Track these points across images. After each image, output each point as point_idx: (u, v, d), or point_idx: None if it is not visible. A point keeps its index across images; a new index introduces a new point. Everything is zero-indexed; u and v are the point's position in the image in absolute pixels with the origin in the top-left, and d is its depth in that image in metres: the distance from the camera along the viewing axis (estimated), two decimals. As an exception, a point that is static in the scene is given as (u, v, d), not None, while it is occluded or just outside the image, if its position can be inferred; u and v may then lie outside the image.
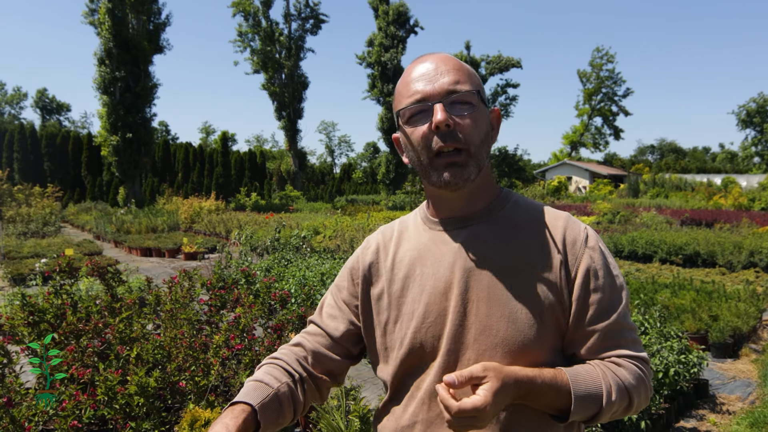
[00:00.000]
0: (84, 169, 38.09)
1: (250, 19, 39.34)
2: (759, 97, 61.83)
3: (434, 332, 1.12)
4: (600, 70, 61.00)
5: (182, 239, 15.09)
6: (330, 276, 7.09)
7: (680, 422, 4.24)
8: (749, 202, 31.18)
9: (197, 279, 4.83)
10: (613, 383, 1.05)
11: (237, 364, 4.09)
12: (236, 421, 1.01)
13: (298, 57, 40.58)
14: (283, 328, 4.37)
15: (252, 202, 29.24)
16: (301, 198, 36.01)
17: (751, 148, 63.97)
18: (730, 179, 43.50)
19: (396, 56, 41.97)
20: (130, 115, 28.03)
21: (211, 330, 4.45)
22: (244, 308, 4.37)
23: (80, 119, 77.91)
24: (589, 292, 1.09)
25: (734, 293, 6.99)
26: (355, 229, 14.08)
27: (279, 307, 4.71)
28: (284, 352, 1.24)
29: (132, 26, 28.11)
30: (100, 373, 3.46)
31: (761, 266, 10.84)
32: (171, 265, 12.78)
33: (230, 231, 17.57)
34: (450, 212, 1.19)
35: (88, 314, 4.21)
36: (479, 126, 1.10)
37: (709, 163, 71.19)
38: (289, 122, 40.94)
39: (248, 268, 5.31)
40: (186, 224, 20.54)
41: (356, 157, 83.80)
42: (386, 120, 43.41)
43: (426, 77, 1.11)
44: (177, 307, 4.03)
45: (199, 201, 23.28)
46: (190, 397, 3.70)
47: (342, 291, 1.30)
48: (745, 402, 4.62)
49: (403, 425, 1.16)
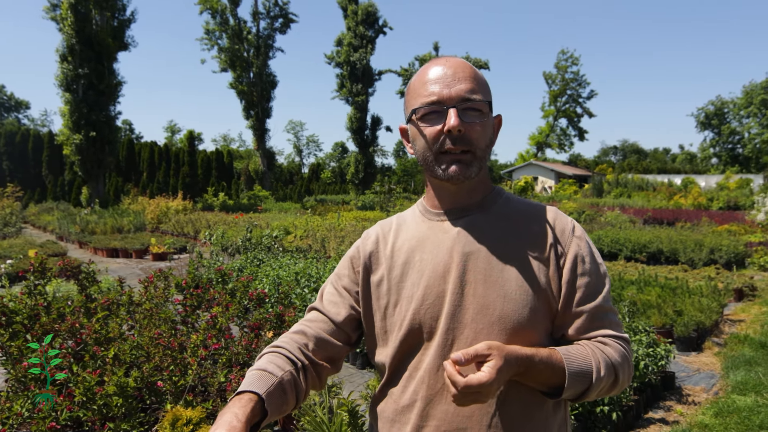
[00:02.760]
0: (45, 169, 37.08)
1: (218, 17, 38.82)
2: (717, 100, 63.80)
3: (433, 313, 1.18)
4: (565, 72, 62.10)
5: (150, 240, 14.84)
6: (304, 275, 7.09)
7: (649, 413, 4.39)
8: (708, 202, 32.18)
9: (172, 279, 4.79)
10: (601, 361, 1.13)
11: (213, 364, 4.08)
12: (245, 410, 1.03)
13: (266, 56, 40.22)
14: (260, 327, 4.37)
15: (220, 202, 28.88)
16: (269, 198, 35.71)
17: (710, 150, 65.90)
18: (690, 179, 44.76)
19: (365, 56, 42.00)
20: (94, 113, 27.35)
21: (187, 330, 4.42)
22: (221, 308, 4.36)
23: (40, 117, 75.83)
24: (577, 276, 1.18)
25: (697, 289, 7.24)
26: (326, 228, 14.06)
27: (256, 306, 4.70)
28: (285, 341, 1.27)
29: (96, 22, 27.42)
30: (75, 374, 3.42)
31: (721, 263, 11.23)
32: (139, 266, 12.56)
33: (199, 231, 17.35)
34: (449, 204, 1.27)
35: (60, 315, 4.14)
36: (486, 133, 1.20)
37: (670, 164, 73.03)
38: (258, 121, 40.57)
39: (224, 268, 5.28)
40: (153, 224, 20.19)
41: (325, 157, 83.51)
42: (355, 120, 43.37)
43: (444, 81, 1.17)
44: (154, 307, 3.99)
45: (166, 201, 22.90)
46: (167, 397, 3.67)
47: (342, 278, 1.35)
48: (709, 393, 4.80)
49: (403, 405, 1.21)
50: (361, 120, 43.57)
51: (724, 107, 63.32)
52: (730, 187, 39.86)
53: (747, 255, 11.81)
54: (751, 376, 5.01)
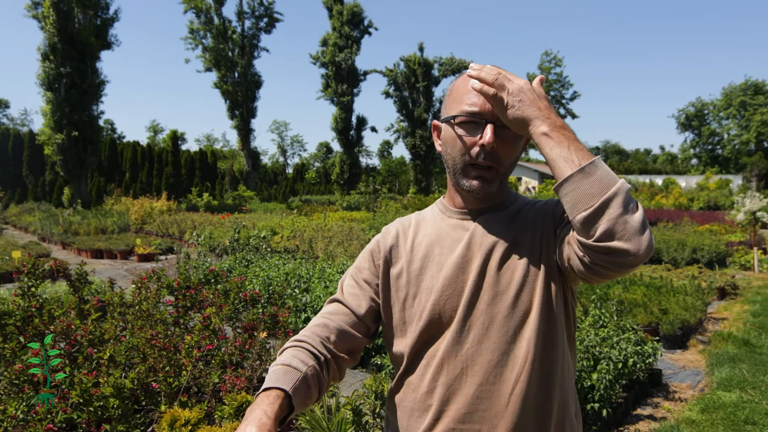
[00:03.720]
0: (25, 169, 36.59)
1: (202, 16, 38.57)
2: (697, 102, 64.72)
3: (452, 303, 1.24)
4: (548, 74, 62.58)
5: (135, 240, 14.73)
6: (294, 275, 7.09)
7: (637, 410, 4.47)
8: (688, 202, 32.68)
9: (164, 280, 4.78)
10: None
11: (206, 365, 4.09)
12: (273, 407, 1.06)
13: (251, 55, 40.06)
14: (254, 328, 4.38)
15: (204, 203, 28.72)
16: (254, 198, 35.57)
17: (690, 151, 66.84)
18: (671, 180, 45.35)
19: (350, 56, 41.97)
20: (76, 112, 27.05)
21: (180, 331, 4.42)
22: (215, 308, 4.36)
23: (20, 116, 74.52)
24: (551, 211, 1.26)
25: (681, 288, 7.37)
26: (312, 229, 14.06)
27: (246, 307, 4.71)
28: (307, 334, 1.29)
29: (78, 21, 27.12)
30: (70, 376, 3.41)
31: (703, 262, 11.43)
32: (124, 267, 12.46)
33: (184, 232, 17.24)
34: (469, 204, 1.33)
35: (52, 316, 4.11)
36: (515, 153, 1.26)
37: (651, 165, 73.88)
38: (242, 121, 40.38)
39: (216, 269, 5.28)
40: (137, 225, 20.03)
41: (309, 157, 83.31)
42: (340, 120, 43.31)
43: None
44: (148, 308, 3.99)
45: (150, 201, 22.72)
46: (162, 398, 3.68)
47: (362, 271, 1.39)
48: (695, 390, 4.90)
49: (423, 392, 1.25)
50: (347, 120, 43.53)
51: (704, 109, 64.26)
52: (710, 187, 40.47)
53: (728, 254, 12.03)
54: (735, 373, 5.13)
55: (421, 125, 45.81)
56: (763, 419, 4.13)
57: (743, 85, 60.49)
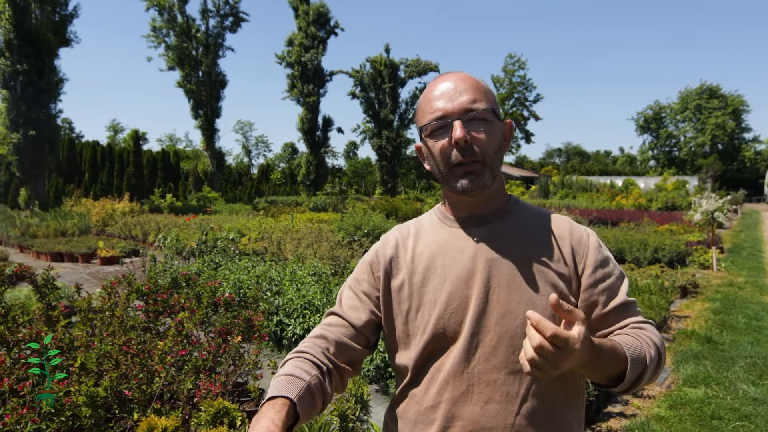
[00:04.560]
0: (-22, 169, 35.23)
1: (165, 14, 37.89)
2: (655, 105, 66.62)
3: (456, 318, 1.22)
4: (512, 76, 63.45)
5: (97, 243, 14.36)
6: (265, 278, 7.02)
7: (608, 408, 4.57)
8: (648, 203, 33.57)
9: (134, 284, 4.68)
10: (650, 343, 1.17)
11: (178, 371, 4.01)
12: (280, 415, 1.05)
13: (216, 54, 39.53)
14: (229, 332, 4.32)
15: (168, 204, 28.19)
16: (219, 199, 35.10)
17: (648, 152, 68.72)
18: (630, 181, 46.52)
19: (316, 56, 41.81)
20: (33, 111, 26.23)
21: (152, 336, 4.33)
22: (188, 313, 4.28)
23: (-29, 114, 71.87)
24: (598, 280, 1.23)
25: (646, 287, 7.56)
26: (280, 230, 13.93)
27: (215, 311, 4.64)
28: (308, 345, 1.28)
29: (36, 17, 26.31)
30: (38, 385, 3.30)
31: (664, 262, 11.75)
32: (86, 271, 12.13)
33: (148, 234, 16.88)
34: (468, 212, 1.30)
35: (16, 323, 3.98)
36: (493, 139, 1.22)
37: (611, 166, 75.65)
38: (207, 121, 39.81)
39: (188, 272, 5.19)
40: (98, 227, 19.51)
41: (274, 157, 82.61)
42: (306, 121, 43.09)
43: (446, 96, 1.22)
44: (122, 314, 3.90)
45: (111, 203, 22.17)
46: (134, 406, 3.60)
47: (362, 283, 1.36)
48: (662, 387, 5.03)
49: (427, 406, 1.24)
50: (313, 121, 43.35)
51: (661, 112, 66.16)
52: (667, 188, 41.67)
53: (688, 254, 12.40)
54: (700, 370, 5.29)
55: (387, 126, 45.92)
56: (729, 414, 4.27)
57: (699, 89, 62.50)
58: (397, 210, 24.24)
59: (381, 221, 16.56)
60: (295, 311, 5.91)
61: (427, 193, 40.26)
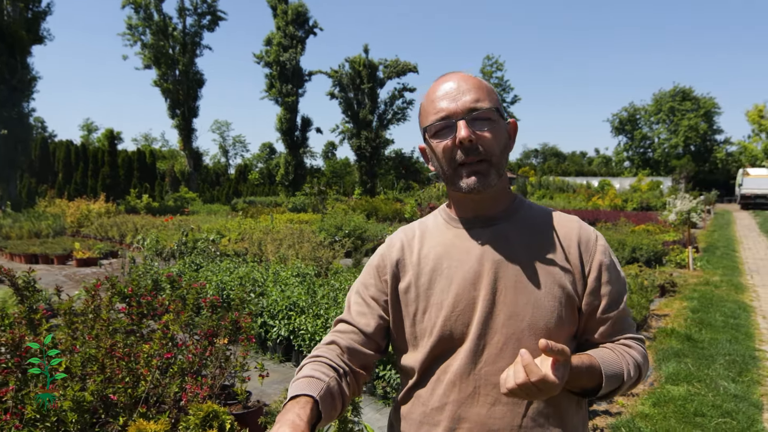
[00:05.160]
0: (-53, 169, 34.33)
1: (141, 12, 37.40)
2: (630, 107, 67.63)
3: (464, 320, 1.22)
4: (490, 78, 63.86)
5: (73, 244, 14.09)
6: (248, 279, 6.97)
7: (593, 406, 4.62)
8: (623, 203, 34.10)
9: (117, 286, 4.60)
10: (630, 363, 1.22)
11: (162, 374, 3.96)
12: (305, 411, 1.05)
13: (193, 53, 39.13)
14: (215, 335, 4.27)
15: (144, 204, 27.78)
16: (197, 200, 34.69)
17: (623, 153, 69.76)
18: (606, 182, 47.20)
19: (295, 56, 41.64)
20: (5, 109, 25.65)
21: (136, 339, 4.26)
22: (173, 315, 4.22)
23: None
24: (602, 285, 1.25)
25: (626, 286, 7.65)
26: (260, 231, 13.82)
27: (209, 312, 4.59)
28: (323, 350, 1.28)
29: (8, 13, 25.74)
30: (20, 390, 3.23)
31: (642, 261, 11.92)
32: (62, 273, 11.91)
33: (125, 235, 16.63)
34: (474, 213, 1.30)
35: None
36: (498, 138, 1.22)
37: (587, 167, 76.62)
38: (184, 121, 39.38)
39: (172, 274, 5.12)
40: (73, 228, 19.15)
41: (252, 157, 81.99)
42: (285, 121, 42.88)
43: (449, 96, 1.21)
44: (108, 317, 3.83)
45: (87, 203, 21.79)
46: (120, 410, 3.54)
47: (369, 288, 1.36)
48: (645, 384, 5.11)
49: (433, 407, 1.24)
50: (291, 121, 43.16)
51: (636, 113, 67.19)
52: (642, 189, 42.34)
53: (665, 253, 12.61)
54: (682, 367, 5.38)
55: (366, 127, 45.90)
56: (711, 411, 4.35)
57: (672, 91, 63.65)
58: (377, 210, 24.26)
59: (362, 222, 16.55)
60: (279, 312, 5.87)
61: (406, 194, 40.31)
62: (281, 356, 5.84)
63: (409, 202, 28.67)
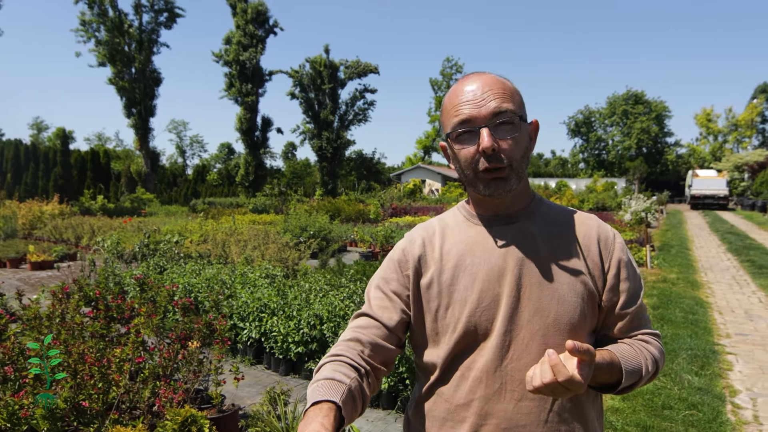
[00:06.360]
0: None
1: (96, 8, 36.32)
2: (585, 110, 69.22)
3: (488, 315, 1.23)
4: (450, 79, 64.46)
5: (27, 247, 13.58)
6: (216, 281, 6.85)
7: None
8: (580, 203, 34.87)
9: (85, 289, 4.46)
10: (648, 358, 1.25)
11: (131, 378, 3.86)
12: (329, 419, 1.03)
13: (150, 51, 38.23)
14: (188, 338, 4.17)
15: (99, 206, 27.03)
16: (154, 201, 33.94)
17: (579, 155, 71.37)
18: (563, 183, 48.18)
19: (255, 56, 41.16)
20: (-50, 107, 24.54)
21: (106, 344, 4.13)
22: (144, 319, 4.12)
23: None
24: (621, 281, 1.28)
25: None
26: (223, 233, 13.60)
27: (180, 315, 4.49)
28: (343, 348, 1.26)
29: (-47, 6, 24.67)
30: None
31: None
32: (17, 276, 11.46)
33: (81, 237, 16.14)
34: (494, 211, 1.31)
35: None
36: (520, 144, 1.23)
37: (544, 168, 78.01)
38: (140, 120, 38.45)
39: (142, 276, 4.98)
40: (25, 230, 18.48)
41: (210, 158, 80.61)
42: (245, 121, 42.35)
43: (473, 100, 1.21)
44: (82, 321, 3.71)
45: (39, 205, 21.04)
46: (91, 417, 3.43)
47: (391, 283, 1.35)
48: (613, 380, 5.24)
49: (458, 404, 1.24)
50: (251, 121, 42.65)
51: (591, 116, 68.84)
52: (597, 189, 43.39)
53: (623, 252, 12.95)
54: (647, 362, 5.54)
55: (328, 127, 45.74)
56: (678, 404, 4.49)
57: (625, 94, 65.50)
58: (340, 211, 24.19)
59: (326, 223, 16.48)
60: (250, 314, 5.79)
61: (368, 194, 40.32)
62: (252, 358, 5.76)
63: (372, 203, 28.71)
